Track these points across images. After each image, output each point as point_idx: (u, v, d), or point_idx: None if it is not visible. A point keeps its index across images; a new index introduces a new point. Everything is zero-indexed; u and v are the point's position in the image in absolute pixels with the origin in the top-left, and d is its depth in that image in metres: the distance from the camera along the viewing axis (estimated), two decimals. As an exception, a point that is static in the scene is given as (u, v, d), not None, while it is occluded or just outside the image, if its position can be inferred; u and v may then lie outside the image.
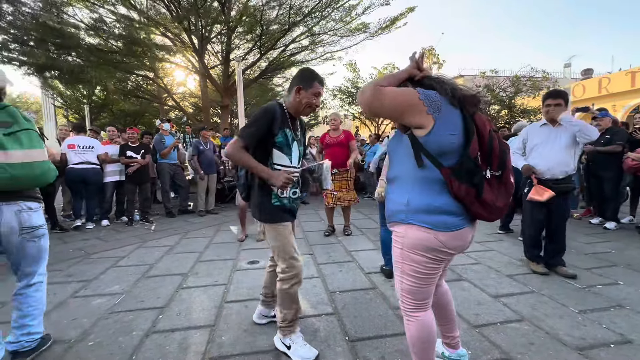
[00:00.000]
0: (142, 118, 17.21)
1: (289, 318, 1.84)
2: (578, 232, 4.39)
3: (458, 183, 1.19)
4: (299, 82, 1.76)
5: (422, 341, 1.37)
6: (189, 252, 3.76)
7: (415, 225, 1.26)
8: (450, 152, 1.21)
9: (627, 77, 13.74)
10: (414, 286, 1.33)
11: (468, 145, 1.20)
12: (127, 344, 1.96)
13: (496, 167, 1.25)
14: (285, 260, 1.79)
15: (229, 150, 1.70)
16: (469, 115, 1.24)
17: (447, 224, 1.23)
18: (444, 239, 1.24)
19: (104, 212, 5.30)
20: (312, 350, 1.83)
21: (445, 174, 1.20)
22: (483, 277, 2.92)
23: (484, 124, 1.26)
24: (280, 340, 1.87)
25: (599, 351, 1.84)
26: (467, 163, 1.19)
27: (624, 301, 2.43)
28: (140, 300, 2.54)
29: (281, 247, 1.79)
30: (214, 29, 9.57)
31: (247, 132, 1.69)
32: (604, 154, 4.53)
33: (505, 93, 9.48)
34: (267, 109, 1.71)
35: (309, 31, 9.31)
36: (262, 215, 1.80)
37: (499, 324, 2.14)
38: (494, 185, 1.25)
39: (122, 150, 5.27)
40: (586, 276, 2.92)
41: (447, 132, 1.20)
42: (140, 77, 11.33)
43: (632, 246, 3.77)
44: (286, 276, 1.79)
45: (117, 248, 3.96)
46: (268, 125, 1.70)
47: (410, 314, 1.38)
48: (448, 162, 1.21)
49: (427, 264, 1.29)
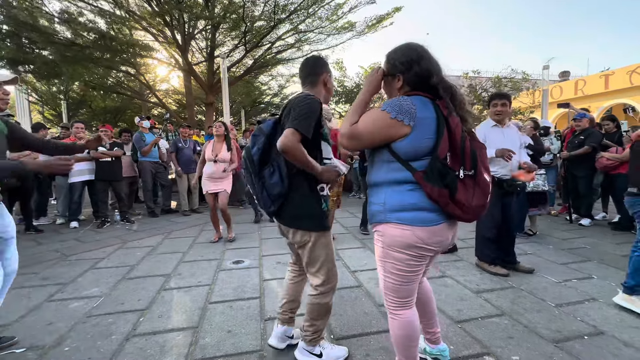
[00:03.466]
0: (124, 115, 16.67)
1: (322, 328, 1.73)
2: (555, 229, 4.56)
3: (430, 185, 1.21)
4: (324, 69, 1.65)
5: (405, 339, 1.39)
6: (172, 253, 3.68)
7: (393, 223, 1.28)
8: (423, 155, 1.24)
9: (602, 80, 14.34)
10: (397, 284, 1.35)
11: (437, 146, 1.22)
12: (106, 349, 1.90)
13: (469, 166, 1.26)
14: (330, 270, 1.63)
15: (287, 143, 1.39)
16: (444, 116, 1.25)
17: (424, 220, 1.25)
18: (422, 234, 1.25)
19: (72, 214, 5.09)
20: (342, 348, 1.81)
21: (418, 178, 1.23)
22: (465, 274, 2.98)
23: (457, 124, 1.28)
24: (308, 352, 1.74)
25: (574, 343, 1.91)
26: (436, 164, 1.22)
27: (597, 294, 2.54)
28: (120, 303, 2.47)
29: (329, 257, 1.62)
30: (198, 25, 9.38)
31: (304, 123, 1.43)
32: (576, 156, 4.73)
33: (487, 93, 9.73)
34: (314, 101, 1.51)
35: (295, 29, 9.24)
36: (311, 223, 1.56)
37: (480, 319, 2.19)
38: (469, 185, 1.25)
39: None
40: (563, 271, 3.03)
41: (425, 136, 1.23)
42: (121, 73, 10.99)
43: (605, 241, 3.94)
44: (326, 288, 1.63)
45: (96, 249, 3.83)
46: (318, 117, 1.53)
47: (394, 312, 1.40)
48: (420, 165, 1.24)
49: (408, 261, 1.30)
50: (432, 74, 1.28)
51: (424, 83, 1.28)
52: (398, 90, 1.35)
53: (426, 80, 1.28)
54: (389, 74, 1.35)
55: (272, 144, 1.56)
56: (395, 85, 1.34)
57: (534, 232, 4.21)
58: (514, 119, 9.17)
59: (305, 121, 1.45)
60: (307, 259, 1.62)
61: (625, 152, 4.32)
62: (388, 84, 1.38)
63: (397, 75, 1.32)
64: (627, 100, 13.49)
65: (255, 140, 1.61)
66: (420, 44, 1.33)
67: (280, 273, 3.04)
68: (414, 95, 1.28)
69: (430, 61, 1.29)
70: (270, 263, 3.31)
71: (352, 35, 9.85)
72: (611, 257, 3.40)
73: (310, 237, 1.57)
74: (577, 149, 4.68)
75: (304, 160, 1.45)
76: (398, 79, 1.33)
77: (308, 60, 1.76)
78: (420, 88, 1.30)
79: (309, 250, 1.59)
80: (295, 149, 1.41)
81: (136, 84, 12.27)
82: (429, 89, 1.29)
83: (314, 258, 1.60)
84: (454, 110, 1.29)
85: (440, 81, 1.28)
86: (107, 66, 9.10)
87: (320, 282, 1.62)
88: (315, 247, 1.59)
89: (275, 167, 1.54)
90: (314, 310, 1.67)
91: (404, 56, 1.30)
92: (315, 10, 8.75)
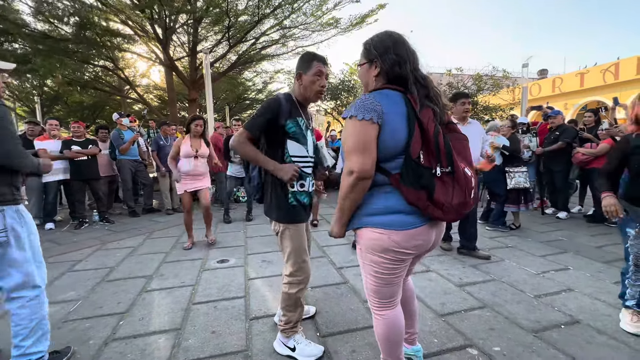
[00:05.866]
0: (102, 111, 16.09)
1: (294, 320, 1.79)
2: (534, 222, 4.71)
3: (406, 188, 1.16)
4: (298, 68, 1.70)
5: (389, 339, 1.39)
6: (153, 253, 3.58)
7: (369, 227, 1.25)
8: (395, 154, 1.18)
9: (577, 78, 14.89)
10: (377, 285, 1.33)
11: (409, 144, 1.15)
12: (84, 354, 1.83)
13: (445, 163, 1.17)
14: (297, 263, 1.71)
15: (234, 141, 1.64)
16: (414, 111, 1.18)
17: (401, 223, 1.20)
18: (398, 238, 1.20)
19: (47, 214, 4.87)
20: (317, 347, 1.81)
21: (394, 182, 1.18)
22: (449, 268, 3.04)
23: (429, 118, 1.20)
24: (283, 344, 1.81)
25: (551, 332, 1.98)
26: (410, 164, 1.15)
27: (573, 285, 2.64)
28: (98, 307, 2.38)
29: (296, 249, 1.71)
30: (179, 19, 9.11)
31: (251, 122, 1.63)
32: (551, 152, 4.89)
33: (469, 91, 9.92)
34: (271, 99, 1.68)
35: (280, 24, 9.12)
36: (279, 214, 1.71)
37: (463, 312, 2.24)
38: (447, 183, 1.17)
39: (66, 146, 4.72)
40: (541, 263, 3.13)
41: (394, 134, 1.16)
42: (99, 68, 10.57)
43: (581, 233, 4.10)
44: (295, 280, 1.73)
45: (74, 251, 3.68)
46: (274, 115, 1.62)
47: (378, 312, 1.38)
48: (394, 168, 1.19)
49: (384, 264, 1.26)
50: (406, 61, 1.22)
51: (397, 72, 1.23)
52: (374, 77, 1.29)
53: (400, 67, 1.22)
54: (367, 60, 1.30)
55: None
56: (372, 73, 1.29)
57: (517, 226, 4.33)
58: (495, 116, 9.39)
59: (252, 120, 1.64)
60: (279, 247, 1.79)
61: (600, 147, 4.49)
62: (364, 72, 1.33)
63: (374, 61, 1.27)
64: (600, 97, 14.06)
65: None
66: (399, 32, 1.29)
67: (266, 271, 3.01)
68: (381, 89, 1.23)
69: (406, 49, 1.25)
70: (256, 261, 3.28)
71: (336, 32, 9.81)
72: (586, 248, 3.54)
73: (279, 227, 1.73)
74: (553, 145, 4.85)
75: (252, 157, 1.64)
76: (375, 66, 1.27)
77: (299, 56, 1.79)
78: (395, 79, 1.24)
79: (279, 239, 1.76)
80: (238, 146, 1.63)
81: (115, 79, 11.85)
82: (403, 80, 1.23)
83: (283, 247, 1.75)
84: (428, 103, 1.23)
85: (413, 70, 1.24)
86: (83, 60, 8.74)
87: (288, 272, 1.75)
88: (283, 237, 1.73)
89: None
90: (283, 300, 1.79)
91: (379, 42, 1.26)
92: (300, 5, 8.66)
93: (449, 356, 1.78)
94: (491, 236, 4.03)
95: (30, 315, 1.65)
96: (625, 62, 13.07)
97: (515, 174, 4.14)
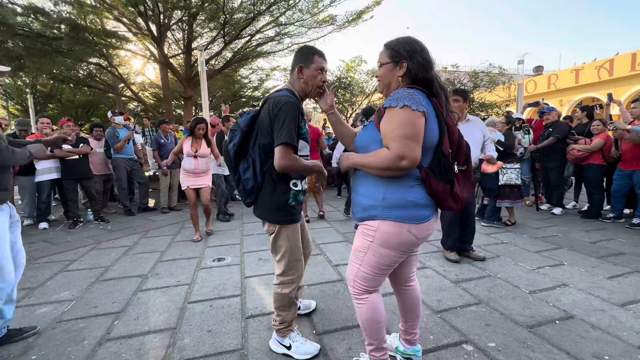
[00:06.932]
0: (97, 110, 15.93)
1: (288, 319, 1.78)
2: (529, 218, 4.74)
3: (436, 181, 1.25)
4: (299, 61, 1.64)
5: (373, 322, 1.42)
6: (149, 252, 3.56)
7: (390, 221, 1.28)
8: (428, 150, 1.25)
9: (572, 75, 14.95)
10: (372, 275, 1.38)
11: (442, 142, 1.26)
12: (77, 355, 1.81)
13: (462, 162, 1.37)
14: (290, 262, 1.70)
15: (286, 163, 1.49)
16: (442, 113, 1.29)
17: (420, 217, 1.28)
18: (416, 231, 1.29)
19: (41, 214, 4.82)
20: (313, 344, 1.81)
21: (424, 174, 1.25)
22: (445, 264, 3.05)
23: (453, 122, 1.35)
24: (279, 342, 1.80)
25: (546, 327, 1.99)
26: (442, 160, 1.26)
27: (567, 280, 2.66)
28: (93, 306, 2.36)
29: (292, 248, 1.70)
30: (174, 16, 9.02)
31: (287, 134, 1.47)
32: (543, 148, 4.91)
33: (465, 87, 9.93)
34: (293, 103, 1.53)
35: (275, 21, 9.07)
36: (276, 216, 1.65)
37: (459, 308, 2.24)
38: (460, 179, 1.35)
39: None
40: (536, 259, 3.15)
41: (430, 131, 1.24)
42: (93, 66, 10.45)
43: (575, 229, 4.13)
44: (287, 279, 1.71)
45: (68, 251, 3.65)
46: (298, 119, 1.55)
47: (360, 297, 1.42)
48: (425, 162, 1.26)
49: (393, 257, 1.34)
50: (433, 65, 1.31)
51: (423, 75, 1.30)
52: (399, 78, 1.33)
53: (427, 71, 1.30)
54: (392, 60, 1.34)
55: (248, 139, 1.65)
56: (397, 73, 1.33)
57: (512, 222, 4.35)
58: (491, 112, 9.40)
59: (286, 131, 1.48)
60: (271, 247, 1.75)
61: (595, 143, 4.52)
62: (389, 72, 1.35)
63: (402, 61, 1.31)
64: (595, 94, 14.14)
65: (232, 136, 1.67)
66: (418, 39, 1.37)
67: (262, 269, 3.00)
68: (412, 88, 1.27)
69: (430, 55, 1.33)
70: (252, 260, 3.27)
71: (332, 28, 9.77)
72: (580, 244, 3.56)
73: (275, 228, 1.69)
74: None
75: (302, 168, 1.57)
76: (401, 67, 1.31)
77: (295, 50, 1.76)
78: (420, 82, 1.31)
79: (272, 240, 1.72)
80: (293, 166, 1.52)
81: (109, 77, 11.73)
82: (428, 83, 1.30)
83: (277, 248, 1.72)
84: (450, 109, 1.34)
85: (437, 77, 1.32)
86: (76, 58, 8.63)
87: (280, 271, 1.73)
88: (279, 238, 1.69)
89: (250, 163, 1.63)
90: (276, 300, 1.76)
91: (408, 44, 1.32)
92: (295, 2, 8.60)
93: (444, 352, 1.79)
94: (487, 232, 4.05)
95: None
96: (619, 58, 13.14)
97: (508, 170, 4.17)
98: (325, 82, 1.68)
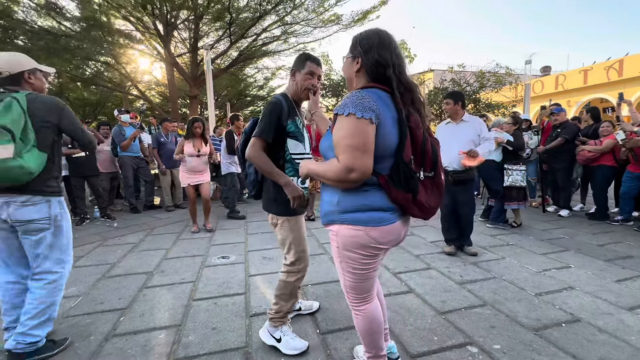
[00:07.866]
0: (104, 108, 16.10)
1: (284, 310, 1.83)
2: (536, 220, 4.69)
3: (395, 190, 1.18)
4: (294, 66, 1.77)
5: (370, 332, 1.42)
6: (154, 250, 3.59)
7: (346, 224, 1.25)
8: (385, 156, 1.18)
9: (581, 75, 14.75)
10: (355, 282, 1.35)
11: (402, 149, 1.18)
12: (84, 350, 1.84)
13: (429, 168, 1.26)
14: (297, 252, 1.77)
15: (251, 153, 1.66)
16: (404, 115, 1.19)
17: (379, 220, 1.22)
18: (376, 234, 1.23)
19: None
20: (302, 341, 1.83)
21: (382, 182, 1.19)
22: (450, 265, 3.03)
23: (417, 124, 1.23)
24: (270, 333, 1.84)
25: (552, 330, 1.97)
26: (402, 168, 1.18)
27: (574, 283, 2.63)
28: (99, 302, 2.39)
29: (297, 239, 1.76)
30: (180, 15, 9.08)
31: (262, 128, 1.65)
32: (551, 149, 4.86)
33: (471, 88, 9.84)
34: (273, 102, 1.70)
35: (281, 20, 9.08)
36: (279, 208, 1.75)
37: (464, 310, 2.23)
38: (428, 186, 1.26)
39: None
40: (542, 261, 3.12)
41: (387, 136, 1.16)
42: (100, 64, 10.57)
43: (582, 232, 4.08)
44: (295, 269, 1.78)
45: (75, 247, 3.61)
46: (278, 118, 1.68)
47: (357, 308, 1.41)
48: (384, 169, 1.19)
49: (361, 260, 1.28)
50: (390, 64, 1.20)
51: (380, 73, 1.22)
52: (355, 73, 1.28)
53: (383, 69, 1.21)
54: (351, 54, 1.30)
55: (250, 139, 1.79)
56: (353, 68, 1.28)
57: (518, 224, 4.31)
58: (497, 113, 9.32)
59: (261, 126, 1.66)
60: (278, 239, 1.82)
61: (605, 144, 4.45)
62: (348, 66, 1.32)
63: (357, 57, 1.26)
64: (604, 95, 13.94)
65: (244, 137, 1.86)
66: (389, 33, 1.27)
67: (266, 268, 3.01)
68: (371, 88, 1.21)
69: (392, 51, 1.22)
70: (257, 258, 3.28)
71: (338, 28, 9.77)
72: (588, 246, 3.52)
73: (278, 220, 1.77)
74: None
75: (268, 170, 1.66)
76: (356, 62, 1.26)
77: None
78: (378, 79, 1.23)
79: (278, 232, 1.80)
80: (256, 157, 1.65)
81: (116, 76, 11.85)
82: (387, 82, 1.22)
83: (283, 239, 1.79)
84: (413, 110, 1.24)
85: (400, 74, 1.22)
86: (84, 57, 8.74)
87: (289, 262, 1.79)
88: (283, 229, 1.77)
89: None
90: (280, 287, 1.82)
91: (367, 39, 1.24)
92: (301, 1, 8.61)
93: (449, 353, 1.78)
94: (492, 234, 4.02)
95: (45, 297, 1.75)
96: (629, 59, 12.94)
97: (513, 171, 4.13)
98: (315, 86, 1.76)
